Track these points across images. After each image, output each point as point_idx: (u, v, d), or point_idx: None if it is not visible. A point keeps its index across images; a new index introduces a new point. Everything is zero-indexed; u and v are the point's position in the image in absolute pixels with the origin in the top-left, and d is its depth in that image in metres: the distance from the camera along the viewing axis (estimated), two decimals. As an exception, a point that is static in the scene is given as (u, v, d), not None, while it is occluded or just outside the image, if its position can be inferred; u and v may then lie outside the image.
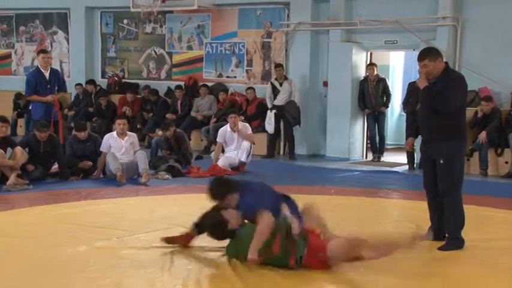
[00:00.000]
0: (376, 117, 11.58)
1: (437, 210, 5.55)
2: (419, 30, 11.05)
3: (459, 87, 5.42)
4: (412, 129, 5.88)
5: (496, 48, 10.69)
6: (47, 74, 9.63)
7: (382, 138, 11.70)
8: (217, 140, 10.30)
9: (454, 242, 5.41)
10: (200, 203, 7.27)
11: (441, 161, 5.34)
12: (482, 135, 10.04)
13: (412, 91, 10.67)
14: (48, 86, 9.61)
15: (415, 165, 10.71)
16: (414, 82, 10.71)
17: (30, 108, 9.87)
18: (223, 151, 10.24)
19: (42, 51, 9.88)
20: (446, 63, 5.45)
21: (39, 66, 9.76)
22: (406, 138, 6.36)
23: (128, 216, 6.52)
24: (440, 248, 5.35)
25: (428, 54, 5.39)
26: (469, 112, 10.54)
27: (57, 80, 9.80)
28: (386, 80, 11.78)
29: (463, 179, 5.51)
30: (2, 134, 8.31)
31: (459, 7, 10.96)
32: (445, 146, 5.31)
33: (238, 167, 9.95)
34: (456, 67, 10.99)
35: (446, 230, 5.48)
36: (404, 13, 11.12)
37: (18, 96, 14.63)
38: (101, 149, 9.00)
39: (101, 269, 4.67)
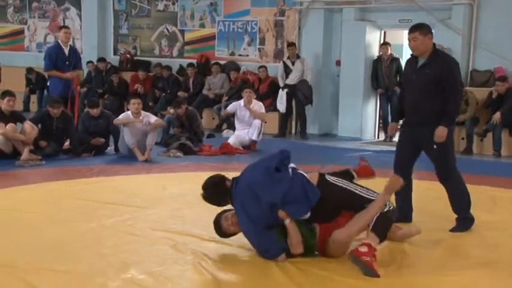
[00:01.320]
0: (389, 97, 11.51)
1: (405, 193, 5.45)
2: (435, 9, 10.91)
3: (457, 73, 5.32)
4: (398, 112, 5.64)
5: (512, 28, 10.57)
6: (66, 51, 9.69)
7: (395, 118, 11.62)
8: (228, 108, 10.19)
9: (463, 222, 5.36)
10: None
11: (435, 147, 5.22)
12: (497, 116, 9.95)
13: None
14: (67, 62, 9.67)
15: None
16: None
17: (48, 84, 9.90)
18: (234, 129, 10.22)
19: (64, 26, 9.92)
20: (434, 44, 5.31)
21: (59, 41, 9.77)
22: (392, 122, 6.11)
23: (140, 193, 6.54)
24: (452, 230, 5.31)
25: (419, 27, 5.25)
26: (484, 92, 10.46)
27: (74, 57, 9.85)
28: (400, 59, 11.68)
29: (455, 160, 5.44)
30: (10, 108, 8.31)
31: (475, -14, 10.82)
32: (434, 132, 5.17)
33: (249, 146, 9.94)
34: (471, 47, 10.89)
35: (455, 211, 5.42)
36: (419, -9, 10.99)
37: (29, 70, 14.68)
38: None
39: (113, 245, 4.69)
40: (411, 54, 5.42)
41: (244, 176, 4.53)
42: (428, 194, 6.53)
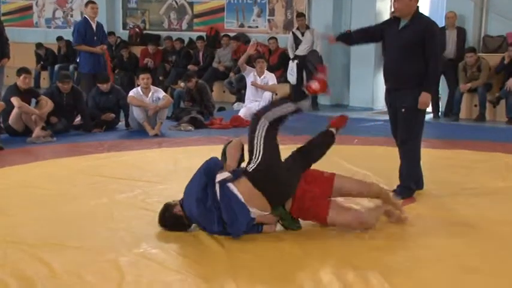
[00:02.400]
0: None
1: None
2: (446, -25, 10.74)
3: (438, 37, 5.29)
4: (348, 35, 5.60)
5: (525, -8, 10.38)
6: (94, 26, 9.71)
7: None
8: (242, 61, 9.92)
9: (404, 191, 5.26)
10: (222, 154, 7.32)
11: (402, 110, 5.16)
12: (510, 82, 9.83)
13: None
14: (95, 37, 9.71)
15: (439, 113, 10.57)
16: (440, 29, 10.54)
17: (78, 60, 9.93)
18: (243, 102, 10.18)
19: (91, 1, 9.87)
20: (418, 7, 5.23)
21: (86, 17, 9.77)
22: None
23: (151, 168, 6.54)
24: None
25: None
26: (496, 58, 10.33)
27: (101, 32, 9.88)
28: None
29: (423, 129, 5.33)
30: (26, 85, 8.34)
31: (488, -51, 10.62)
32: (409, 95, 5.10)
33: (261, 118, 9.87)
34: (483, 12, 10.73)
35: (400, 177, 5.34)
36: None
37: (38, 46, 14.68)
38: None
39: (125, 220, 4.70)
40: (393, 16, 5.33)
41: (184, 205, 4.36)
42: (440, 162, 6.49)
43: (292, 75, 11.67)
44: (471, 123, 9.96)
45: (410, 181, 5.32)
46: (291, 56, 11.72)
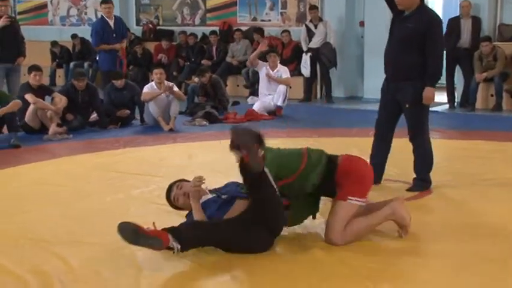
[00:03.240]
0: None
1: (380, 154, 5.37)
2: (459, -36, 10.63)
3: (440, 29, 5.23)
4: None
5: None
6: (111, 23, 9.73)
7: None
8: (253, 57, 9.89)
9: (421, 184, 5.25)
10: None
11: (406, 105, 5.11)
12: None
13: (452, 27, 10.39)
14: (114, 35, 9.72)
15: (455, 104, 10.50)
16: (455, 18, 10.49)
17: (97, 58, 10.00)
18: (258, 96, 10.18)
19: (103, 1, 9.91)
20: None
21: (103, 15, 9.81)
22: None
23: (166, 163, 6.57)
24: (408, 190, 5.21)
25: None
26: (510, 47, 10.22)
27: (121, 27, 9.91)
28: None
29: (428, 120, 5.27)
30: (37, 82, 8.40)
31: None
32: (410, 88, 5.05)
33: (275, 112, 9.89)
34: (498, 1, 10.63)
35: (415, 171, 5.31)
36: None
37: (53, 44, 14.76)
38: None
39: (141, 215, 4.69)
40: (396, 11, 5.22)
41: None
42: (456, 153, 6.44)
43: (305, 68, 11.65)
44: (487, 113, 9.87)
45: (425, 173, 5.29)
46: (305, 48, 11.68)
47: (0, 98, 7.76)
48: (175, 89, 9.01)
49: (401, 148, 5.47)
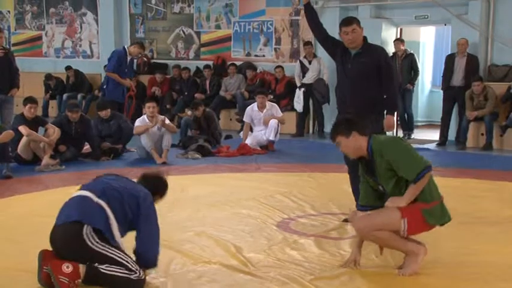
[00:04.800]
0: (402, 95, 11.09)
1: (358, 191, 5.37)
2: (451, 5, 10.84)
3: (390, 60, 5.49)
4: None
5: (529, 22, 10.46)
6: (129, 59, 10.15)
7: (410, 116, 11.48)
8: (244, 119, 10.30)
9: None
10: (230, 182, 7.35)
11: None
12: (516, 112, 9.85)
13: (447, 65, 10.52)
14: (126, 70, 10.11)
15: (447, 141, 10.59)
16: (451, 55, 10.60)
17: (105, 87, 10.17)
18: (251, 130, 10.24)
19: (141, 45, 10.45)
20: (365, 36, 5.33)
21: (126, 49, 10.07)
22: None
23: (159, 196, 6.55)
24: None
25: (355, 19, 5.30)
26: (502, 87, 10.37)
27: (131, 67, 10.27)
28: (415, 55, 11.58)
29: None
30: (32, 115, 8.42)
31: (491, -20, 10.72)
32: (372, 123, 5.02)
33: (267, 146, 9.93)
34: (489, 41, 10.81)
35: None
36: (435, -13, 10.92)
37: (48, 77, 14.82)
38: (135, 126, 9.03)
39: (133, 246, 4.70)
40: (339, 51, 5.34)
41: None
42: (447, 191, 6.46)
43: (298, 103, 11.74)
44: (478, 152, 9.95)
45: None
46: (298, 84, 11.80)
47: (-8, 128, 7.76)
48: (167, 121, 9.06)
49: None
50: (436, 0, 10.82)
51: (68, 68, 14.66)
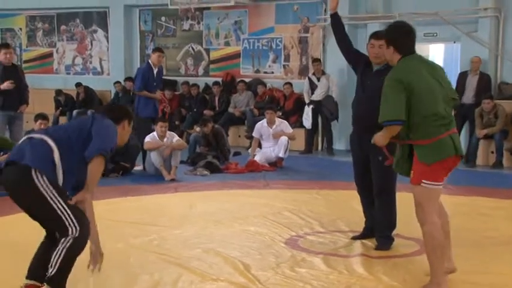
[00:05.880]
0: None
1: (369, 210, 5.33)
2: (460, 23, 10.83)
3: None
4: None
5: (539, 40, 10.44)
6: (155, 71, 9.78)
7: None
8: (254, 135, 10.31)
9: (387, 241, 5.18)
10: (238, 198, 7.34)
11: (379, 158, 4.95)
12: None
13: (460, 82, 10.50)
14: (155, 83, 9.75)
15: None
16: (463, 73, 10.58)
17: (136, 105, 9.91)
18: (260, 146, 10.24)
19: (159, 49, 10.02)
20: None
21: (150, 62, 9.83)
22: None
23: (167, 213, 6.56)
24: (377, 249, 5.13)
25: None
26: (511, 105, 10.31)
27: (160, 77, 10.00)
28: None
29: (396, 176, 5.12)
30: (42, 131, 8.45)
31: (501, -2, 10.73)
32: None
33: (276, 163, 9.92)
34: (499, 59, 10.79)
35: (378, 228, 5.22)
36: (444, 5, 10.93)
37: (58, 93, 14.91)
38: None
39: (141, 265, 4.70)
40: (361, 66, 5.30)
41: None
42: (457, 209, 6.42)
43: (307, 120, 11.74)
44: (488, 170, 9.89)
45: (390, 232, 5.22)
46: (307, 101, 11.80)
47: (3, 145, 7.79)
48: (175, 139, 9.03)
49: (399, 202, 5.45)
50: (445, 18, 10.82)
51: (78, 84, 14.75)
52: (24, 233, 5.69)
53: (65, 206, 3.72)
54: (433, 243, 4.08)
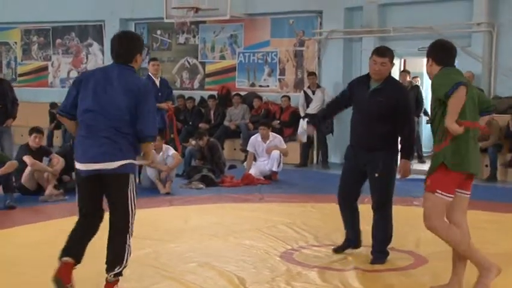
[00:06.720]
0: None
1: (351, 221, 5.38)
2: (454, 37, 10.86)
3: (410, 101, 5.46)
4: (323, 115, 5.75)
5: (532, 54, 10.52)
6: (157, 82, 9.73)
7: (418, 146, 11.50)
8: (248, 149, 10.33)
9: (382, 256, 5.21)
10: (233, 212, 7.34)
11: (376, 175, 5.06)
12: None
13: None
14: (159, 93, 9.65)
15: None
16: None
17: None
18: (255, 160, 10.26)
19: (153, 59, 9.94)
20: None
21: (150, 74, 9.80)
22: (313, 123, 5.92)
23: (162, 226, 6.55)
24: (372, 263, 5.15)
25: (390, 52, 5.18)
26: (505, 118, 10.37)
27: (165, 88, 9.90)
28: (420, 87, 11.64)
29: (393, 190, 5.23)
30: (36, 144, 8.45)
31: (494, 12, 10.82)
32: (381, 159, 5.04)
33: (271, 176, 9.93)
34: (492, 73, 10.85)
35: (375, 243, 5.23)
36: (438, 20, 11.02)
37: (52, 105, 14.87)
38: None
39: (137, 279, 4.70)
40: (363, 76, 5.34)
41: None
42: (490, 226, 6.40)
43: (302, 133, 11.76)
44: (482, 184, 9.90)
45: (386, 246, 5.25)
46: (302, 114, 11.84)
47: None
48: (171, 153, 9.03)
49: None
50: (439, 32, 10.89)
51: (73, 97, 14.72)
52: (19, 246, 5.69)
53: None
54: (460, 244, 4.30)
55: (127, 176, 4.22)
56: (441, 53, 4.52)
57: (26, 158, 8.23)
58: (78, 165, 4.27)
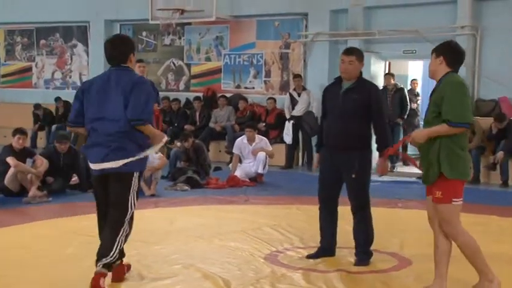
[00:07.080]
0: (391, 128, 11.22)
1: (329, 226, 5.40)
2: (438, 40, 10.86)
3: (382, 99, 5.49)
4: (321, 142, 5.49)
5: (515, 57, 10.62)
6: None
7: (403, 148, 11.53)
8: (234, 151, 10.33)
9: (366, 257, 5.24)
10: (219, 214, 7.34)
11: (353, 176, 5.09)
12: (500, 156, 9.99)
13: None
14: None
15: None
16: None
17: None
18: (241, 162, 10.26)
19: (139, 60, 9.86)
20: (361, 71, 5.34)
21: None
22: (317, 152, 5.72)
23: (147, 228, 6.51)
24: (356, 264, 5.17)
25: (358, 52, 5.28)
26: (488, 121, 10.46)
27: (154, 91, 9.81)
28: (405, 90, 11.70)
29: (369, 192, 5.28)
30: (20, 145, 8.40)
31: (478, 16, 10.92)
32: (356, 158, 5.07)
33: (256, 178, 9.94)
34: (475, 76, 10.94)
35: (358, 244, 5.26)
36: (423, 23, 11.10)
37: (36, 106, 14.80)
38: None
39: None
40: (335, 79, 5.39)
41: None
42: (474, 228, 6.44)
43: (288, 135, 11.80)
44: (465, 186, 9.95)
45: (369, 247, 5.28)
46: (288, 116, 11.87)
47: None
48: (157, 162, 8.98)
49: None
50: (423, 35, 10.97)
51: (58, 99, 14.67)
52: (1, 248, 5.65)
53: None
54: (471, 250, 4.36)
55: (131, 175, 4.55)
56: (455, 55, 4.52)
57: (9, 159, 8.18)
58: (91, 165, 4.62)
